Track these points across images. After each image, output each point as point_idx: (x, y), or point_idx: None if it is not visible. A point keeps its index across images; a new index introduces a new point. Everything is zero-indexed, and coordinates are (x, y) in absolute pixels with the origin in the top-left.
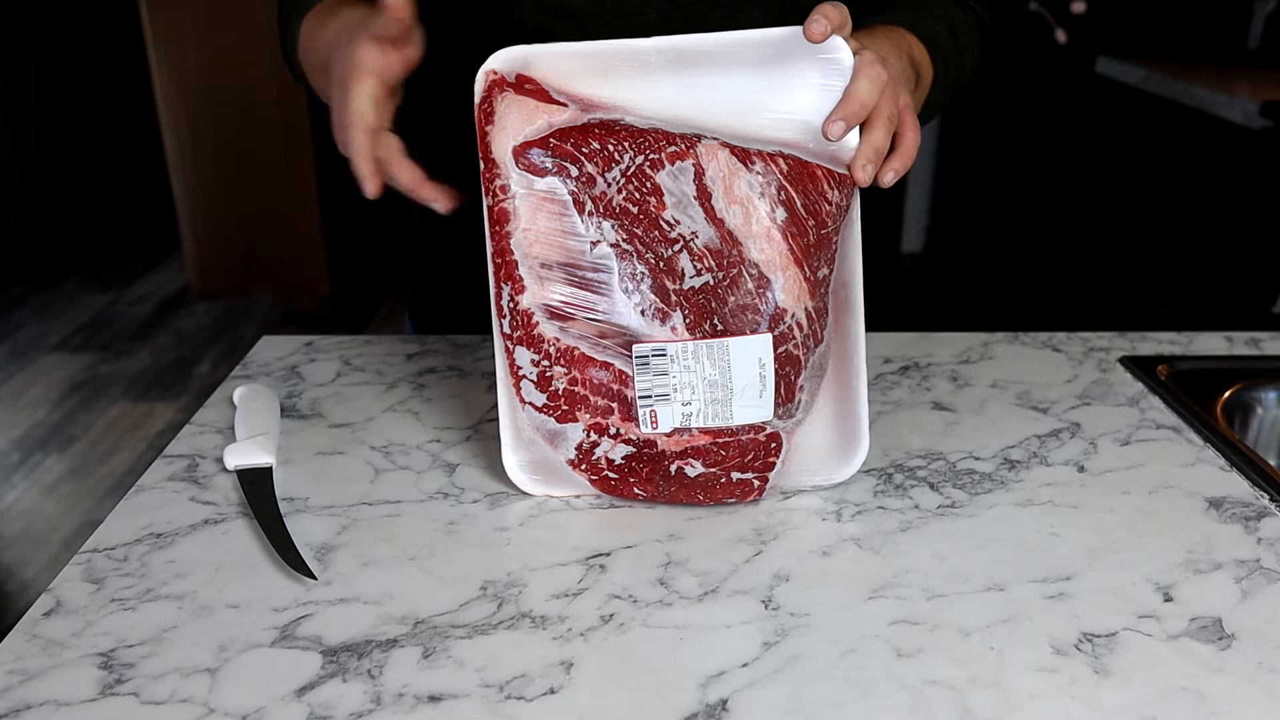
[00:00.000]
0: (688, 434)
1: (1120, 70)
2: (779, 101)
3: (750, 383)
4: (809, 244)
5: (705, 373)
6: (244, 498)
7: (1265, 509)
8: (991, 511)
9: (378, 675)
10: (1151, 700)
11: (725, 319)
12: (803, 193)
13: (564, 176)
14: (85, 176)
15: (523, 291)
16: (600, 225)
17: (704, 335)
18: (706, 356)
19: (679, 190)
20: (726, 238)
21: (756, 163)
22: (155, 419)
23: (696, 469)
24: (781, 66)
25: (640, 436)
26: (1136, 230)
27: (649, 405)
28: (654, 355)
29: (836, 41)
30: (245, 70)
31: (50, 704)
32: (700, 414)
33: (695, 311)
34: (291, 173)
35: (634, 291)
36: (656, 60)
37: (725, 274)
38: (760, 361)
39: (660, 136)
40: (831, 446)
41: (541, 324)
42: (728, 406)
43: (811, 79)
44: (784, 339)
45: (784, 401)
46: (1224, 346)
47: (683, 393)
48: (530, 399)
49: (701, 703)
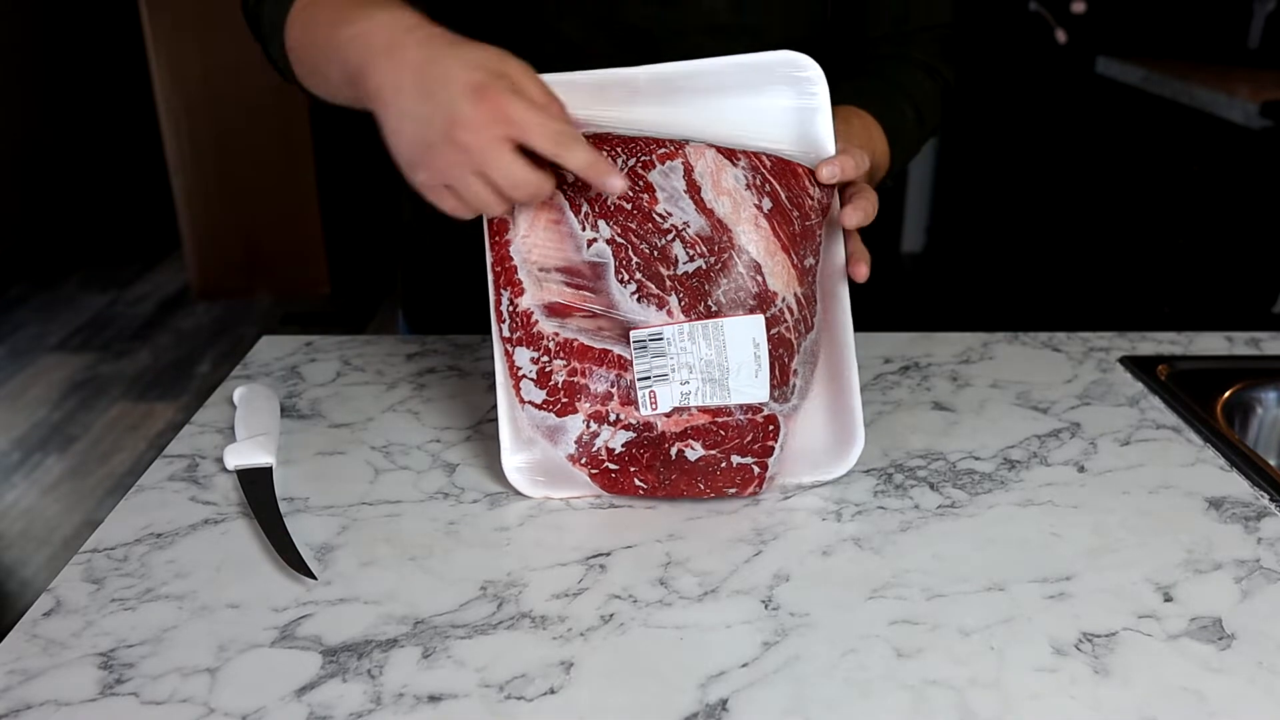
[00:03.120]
0: (687, 413)
1: (1120, 70)
2: (759, 119)
3: (745, 361)
4: (794, 233)
5: (701, 353)
6: (244, 498)
7: (1265, 509)
8: (991, 511)
9: (378, 675)
10: (1151, 700)
11: (719, 301)
12: (786, 186)
13: (560, 184)
14: (85, 176)
15: (522, 294)
16: (596, 224)
17: (699, 316)
18: (702, 337)
19: (670, 186)
20: (717, 225)
21: (741, 159)
22: (155, 419)
23: (697, 451)
24: (760, 89)
25: (640, 420)
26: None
27: (648, 386)
28: (651, 339)
29: (804, 60)
30: (245, 70)
31: (50, 704)
32: (698, 392)
33: (690, 295)
34: (291, 173)
35: (629, 281)
36: (647, 88)
37: (717, 259)
38: (754, 341)
39: (650, 141)
40: (828, 439)
41: (540, 322)
42: (724, 385)
43: (787, 100)
44: (776, 321)
45: (779, 384)
46: (1224, 346)
47: (680, 372)
48: (530, 397)
49: (701, 703)
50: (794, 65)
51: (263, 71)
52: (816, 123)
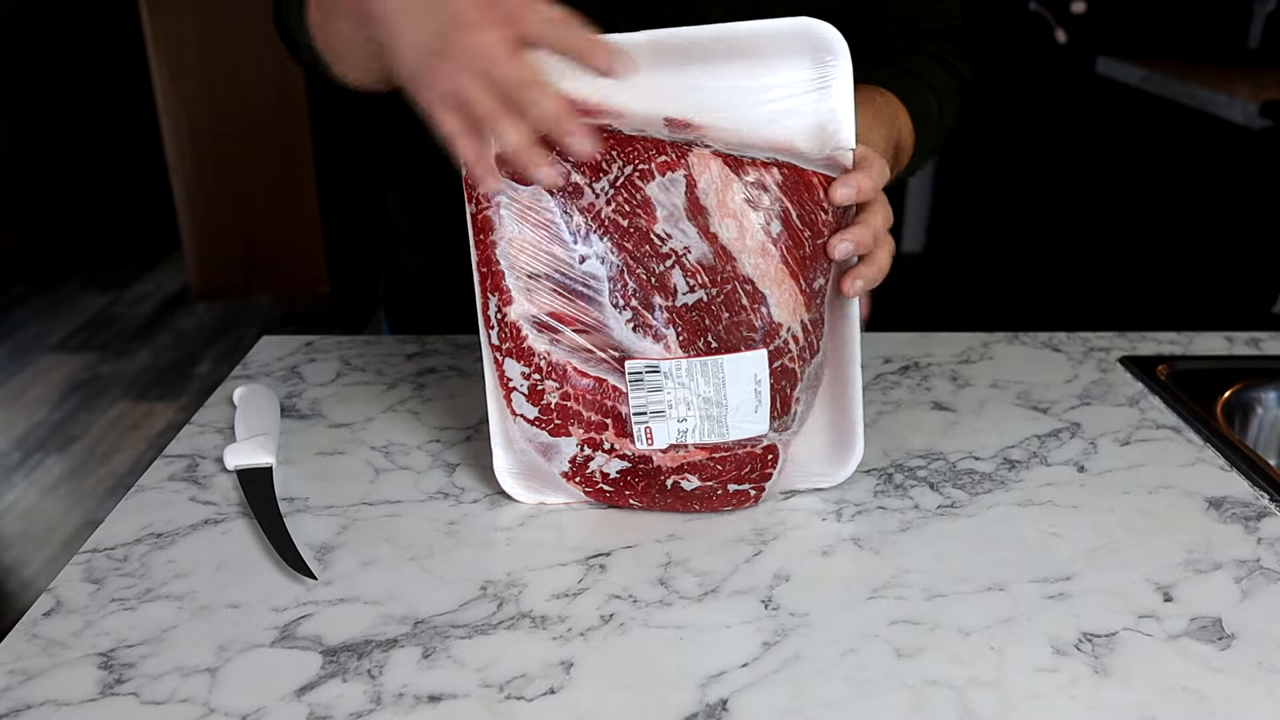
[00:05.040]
0: (684, 450)
1: (1120, 70)
2: (773, 96)
3: (745, 399)
4: (804, 256)
5: (700, 390)
6: (244, 498)
7: (1265, 509)
8: (991, 511)
9: (378, 675)
10: (1151, 700)
11: (719, 336)
12: (798, 203)
13: (551, 190)
14: (85, 176)
15: (510, 303)
16: (589, 238)
17: (698, 353)
18: (701, 374)
19: (670, 203)
20: (720, 253)
21: (750, 172)
22: (155, 419)
23: (693, 483)
24: (776, 60)
25: (635, 452)
26: (1136, 230)
27: (644, 422)
28: (647, 372)
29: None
30: (245, 70)
31: (50, 704)
32: (696, 430)
33: (689, 329)
34: (291, 173)
35: (624, 307)
36: (649, 55)
37: (719, 290)
38: (756, 378)
39: (650, 145)
40: (827, 451)
41: (531, 337)
42: (723, 423)
43: (806, 72)
44: (779, 353)
45: (780, 414)
46: (1224, 346)
47: (678, 409)
48: (521, 411)
49: (701, 703)
50: (814, 32)
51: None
52: (836, 101)
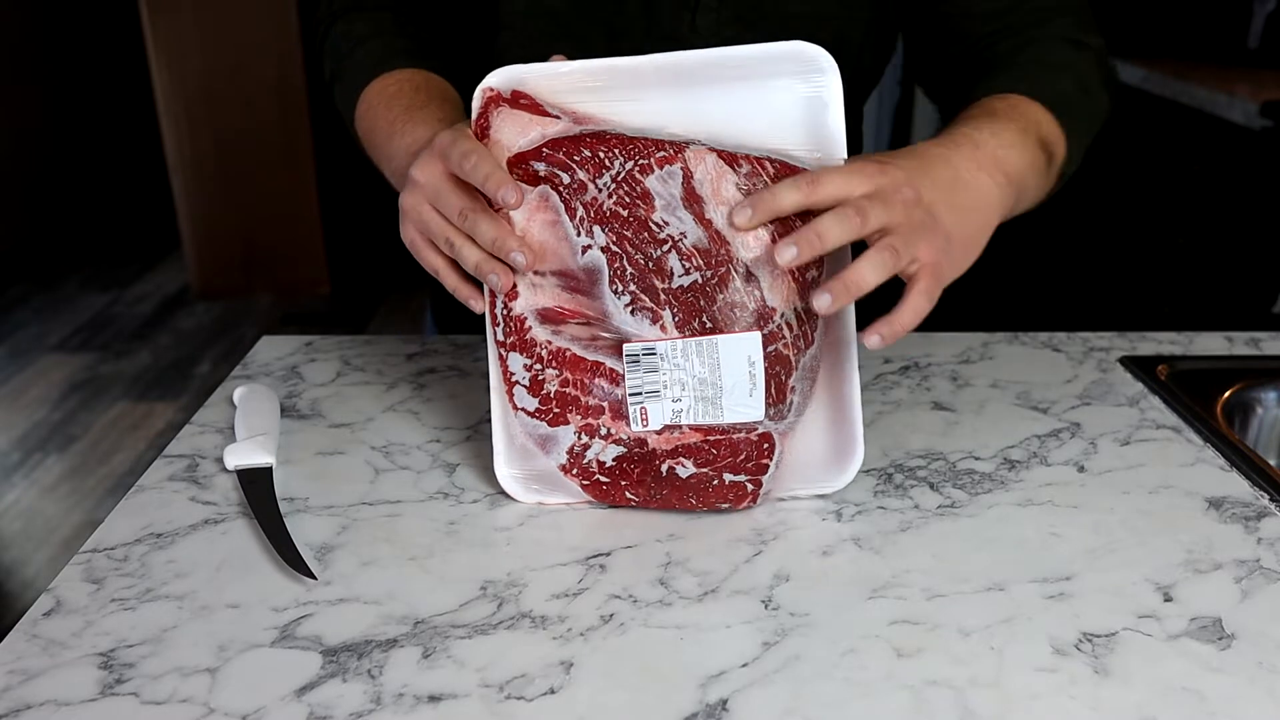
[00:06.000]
0: (678, 431)
1: (1120, 70)
2: (767, 112)
3: (740, 380)
4: None
5: (695, 370)
6: (244, 498)
7: (1265, 509)
8: (991, 511)
9: (378, 675)
10: (1151, 700)
11: (714, 317)
12: None
13: (555, 185)
14: (85, 176)
15: (516, 298)
16: (591, 230)
17: (693, 333)
18: (696, 354)
19: (668, 193)
20: (715, 237)
21: (744, 165)
22: (155, 419)
23: (688, 469)
24: (768, 80)
25: (631, 436)
26: (1136, 230)
27: (639, 402)
28: (644, 354)
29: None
30: (245, 70)
31: (50, 704)
32: (690, 410)
33: (684, 310)
34: (291, 173)
35: (623, 292)
36: (653, 78)
37: (714, 272)
38: (750, 359)
39: (649, 143)
40: (826, 455)
41: (534, 328)
42: (718, 404)
43: (796, 90)
44: (773, 338)
45: (775, 402)
46: (1224, 346)
47: (673, 389)
48: (523, 404)
49: (701, 703)
50: (804, 56)
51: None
52: (827, 117)
